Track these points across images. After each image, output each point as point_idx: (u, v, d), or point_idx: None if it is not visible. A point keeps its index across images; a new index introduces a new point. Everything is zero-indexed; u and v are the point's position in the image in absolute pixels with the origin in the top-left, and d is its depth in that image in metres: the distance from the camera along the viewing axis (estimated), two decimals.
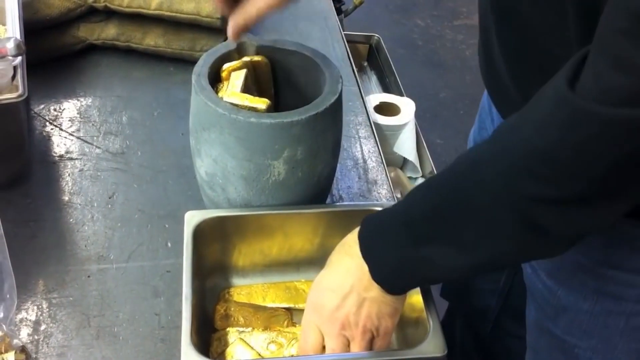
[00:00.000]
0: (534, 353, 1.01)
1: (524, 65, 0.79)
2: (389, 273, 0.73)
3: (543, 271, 0.93)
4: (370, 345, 0.77)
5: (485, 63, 0.92)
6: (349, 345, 0.77)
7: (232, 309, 0.88)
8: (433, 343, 0.77)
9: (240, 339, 0.85)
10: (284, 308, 0.90)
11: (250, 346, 0.84)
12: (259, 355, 0.84)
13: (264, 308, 0.89)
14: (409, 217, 0.71)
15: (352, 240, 0.76)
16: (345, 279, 0.75)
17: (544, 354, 0.99)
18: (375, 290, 0.74)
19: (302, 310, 0.86)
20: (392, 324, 0.77)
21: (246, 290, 0.91)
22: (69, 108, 1.18)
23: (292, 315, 0.89)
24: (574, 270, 0.87)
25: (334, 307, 0.75)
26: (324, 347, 0.77)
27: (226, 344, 0.85)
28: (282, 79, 0.96)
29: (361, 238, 0.75)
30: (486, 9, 0.84)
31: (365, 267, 0.73)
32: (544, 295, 0.93)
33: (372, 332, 0.76)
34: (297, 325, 0.88)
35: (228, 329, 0.86)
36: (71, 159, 1.09)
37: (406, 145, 1.57)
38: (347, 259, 0.76)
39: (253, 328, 0.86)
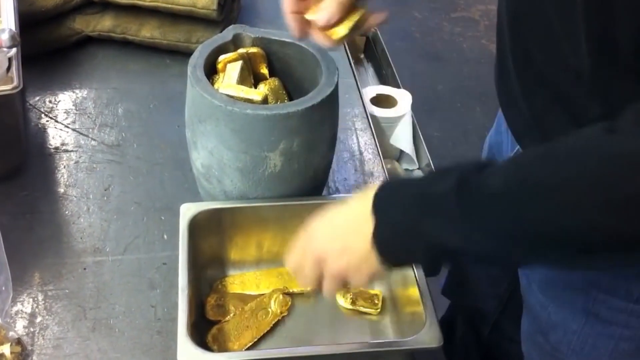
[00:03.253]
0: None
1: (538, 88, 0.78)
2: (389, 235, 0.70)
3: (536, 285, 0.93)
4: (339, 286, 0.77)
5: (500, 80, 0.91)
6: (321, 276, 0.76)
7: (223, 299, 0.88)
8: (429, 334, 0.77)
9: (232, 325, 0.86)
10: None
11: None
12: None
13: (255, 296, 0.90)
14: (428, 189, 0.68)
15: (371, 191, 0.73)
16: (347, 218, 0.74)
17: None
18: (366, 246, 0.71)
19: (296, 294, 0.90)
20: (366, 282, 0.75)
21: (239, 279, 0.91)
22: (65, 100, 1.18)
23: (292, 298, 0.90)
24: (565, 288, 0.87)
25: (323, 239, 0.75)
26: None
27: (223, 338, 0.85)
28: (278, 70, 0.96)
29: (376, 194, 0.72)
30: (503, 30, 0.83)
31: (370, 221, 0.71)
32: (536, 309, 0.94)
33: (343, 281, 0.75)
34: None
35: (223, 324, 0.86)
36: (67, 151, 1.09)
37: (403, 138, 1.57)
38: (359, 204, 0.73)
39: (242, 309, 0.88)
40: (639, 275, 0.80)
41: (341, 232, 0.74)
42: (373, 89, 1.62)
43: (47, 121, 1.13)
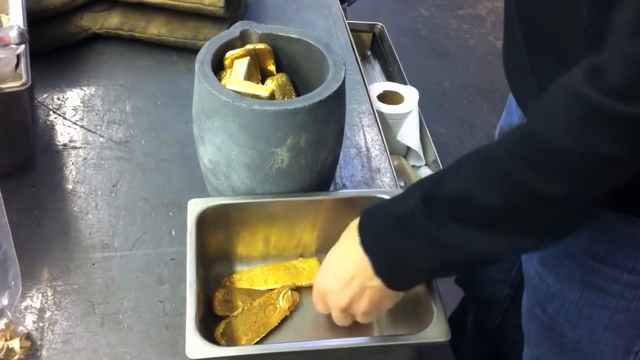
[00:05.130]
0: (526, 339, 1.03)
1: (546, 61, 0.79)
2: (389, 268, 0.75)
3: (535, 257, 0.94)
4: (347, 318, 0.82)
5: (507, 55, 0.92)
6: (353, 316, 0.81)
7: (230, 294, 0.89)
8: (437, 328, 0.77)
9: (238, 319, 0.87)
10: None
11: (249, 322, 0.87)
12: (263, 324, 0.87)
13: (262, 291, 0.90)
14: (402, 212, 0.73)
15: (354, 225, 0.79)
16: (349, 264, 0.77)
17: (533, 340, 1.01)
18: (377, 281, 0.76)
19: (305, 287, 0.91)
20: (392, 304, 0.80)
21: (247, 275, 0.92)
22: (73, 97, 1.18)
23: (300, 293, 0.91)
24: (563, 259, 0.88)
25: (337, 291, 0.78)
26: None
27: (231, 333, 0.85)
28: (285, 66, 0.96)
29: (360, 232, 0.77)
30: (511, 7, 0.84)
31: (359, 251, 0.76)
32: (535, 282, 0.95)
33: (373, 312, 0.80)
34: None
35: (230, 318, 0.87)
36: (75, 147, 1.09)
37: (409, 134, 1.57)
38: (354, 244, 0.77)
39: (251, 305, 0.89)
40: (634, 246, 0.81)
41: (340, 270, 0.78)
42: (380, 86, 1.62)
43: (55, 118, 1.14)
